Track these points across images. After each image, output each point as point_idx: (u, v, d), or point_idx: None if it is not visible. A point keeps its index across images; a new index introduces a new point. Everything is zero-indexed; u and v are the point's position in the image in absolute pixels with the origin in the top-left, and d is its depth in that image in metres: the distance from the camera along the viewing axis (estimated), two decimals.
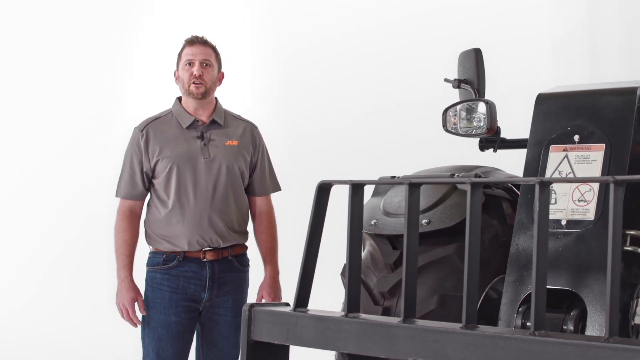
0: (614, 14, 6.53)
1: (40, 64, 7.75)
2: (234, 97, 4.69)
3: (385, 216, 3.64)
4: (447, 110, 3.99)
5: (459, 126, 3.96)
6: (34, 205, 7.71)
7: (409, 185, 2.81)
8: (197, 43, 4.27)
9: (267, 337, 2.99)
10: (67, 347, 7.10)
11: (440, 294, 3.45)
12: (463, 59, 4.13)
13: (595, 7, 6.59)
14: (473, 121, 3.94)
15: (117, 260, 4.24)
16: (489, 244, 3.56)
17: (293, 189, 5.08)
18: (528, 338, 2.50)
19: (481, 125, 3.88)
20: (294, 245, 5.41)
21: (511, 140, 4.06)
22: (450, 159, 4.47)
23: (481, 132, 3.90)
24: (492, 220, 3.62)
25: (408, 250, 2.83)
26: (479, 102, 3.90)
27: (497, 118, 3.90)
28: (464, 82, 4.12)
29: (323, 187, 3.02)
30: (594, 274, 2.96)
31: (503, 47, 6.36)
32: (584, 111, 3.16)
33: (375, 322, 2.80)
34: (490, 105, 3.86)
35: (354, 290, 2.92)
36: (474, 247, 2.70)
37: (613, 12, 6.52)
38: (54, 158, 7.71)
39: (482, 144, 4.10)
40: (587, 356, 2.40)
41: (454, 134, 4.02)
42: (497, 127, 3.94)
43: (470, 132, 3.94)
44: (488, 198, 3.63)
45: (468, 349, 2.59)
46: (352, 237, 2.90)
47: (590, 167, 3.05)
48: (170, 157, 4.18)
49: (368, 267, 3.64)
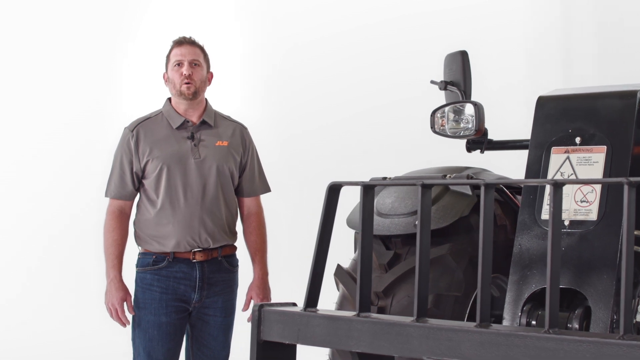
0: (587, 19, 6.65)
1: (31, 63, 7.73)
2: (223, 98, 4.70)
3: (378, 217, 3.66)
4: (435, 112, 4.03)
5: (447, 127, 4.00)
6: (21, 204, 7.68)
7: (422, 186, 2.85)
8: (185, 43, 4.28)
9: (277, 337, 3.01)
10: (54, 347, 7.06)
11: (435, 294, 3.48)
12: (449, 61, 4.17)
13: (568, 11, 6.70)
14: (461, 123, 3.98)
15: (106, 260, 4.24)
16: None
17: (282, 190, 5.10)
18: (544, 336, 2.55)
19: (469, 127, 3.93)
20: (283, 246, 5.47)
21: (498, 142, 4.12)
22: (437, 160, 4.52)
23: (469, 133, 3.94)
24: None
25: (421, 250, 2.86)
26: (468, 104, 3.94)
27: (485, 120, 3.96)
28: (450, 84, 4.16)
29: (333, 188, 3.04)
30: (598, 273, 3.02)
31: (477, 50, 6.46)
32: (584, 114, 3.22)
33: (388, 321, 2.83)
34: (479, 107, 3.91)
35: (365, 291, 2.94)
36: (487, 247, 2.74)
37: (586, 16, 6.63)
38: (44, 156, 7.70)
39: (470, 145, 4.15)
40: (602, 353, 2.45)
41: (442, 136, 4.07)
42: (484, 128, 4.00)
43: (459, 133, 3.98)
44: (479, 199, 3.69)
45: (483, 347, 2.63)
46: (364, 237, 2.93)
47: (592, 169, 3.12)
48: (161, 157, 4.18)
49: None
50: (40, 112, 7.69)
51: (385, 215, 3.70)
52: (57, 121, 7.70)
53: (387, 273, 3.60)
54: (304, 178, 6.66)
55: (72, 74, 7.69)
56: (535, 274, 3.14)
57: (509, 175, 4.10)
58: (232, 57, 7.22)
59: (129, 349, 4.29)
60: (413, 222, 3.55)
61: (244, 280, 4.37)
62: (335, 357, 3.67)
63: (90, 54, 7.69)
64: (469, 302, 3.61)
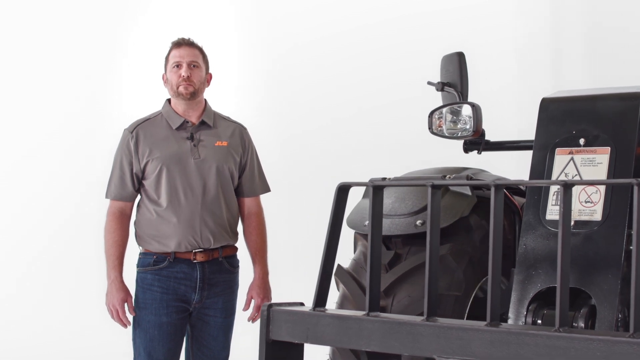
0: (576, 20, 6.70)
1: (30, 63, 7.71)
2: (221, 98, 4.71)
3: None
4: (433, 113, 4.05)
5: (445, 128, 4.03)
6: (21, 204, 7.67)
7: (431, 187, 2.88)
8: (184, 45, 4.30)
9: (287, 337, 3.03)
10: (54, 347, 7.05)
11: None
12: (446, 62, 4.19)
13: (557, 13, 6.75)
14: (459, 123, 4.01)
15: (107, 261, 4.26)
16: (480, 244, 3.64)
17: (281, 190, 5.12)
18: (555, 334, 2.58)
19: (467, 128, 3.94)
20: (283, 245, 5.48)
21: (495, 143, 4.15)
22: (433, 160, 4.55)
23: (467, 134, 3.95)
24: (481, 221, 3.69)
25: (431, 250, 2.89)
26: (465, 105, 3.97)
27: (482, 120, 3.99)
28: (447, 85, 4.18)
29: (342, 188, 3.07)
30: (602, 272, 3.06)
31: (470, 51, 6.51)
32: (588, 116, 3.26)
33: (398, 320, 2.85)
34: (477, 108, 3.92)
35: (374, 290, 2.97)
36: (497, 248, 2.77)
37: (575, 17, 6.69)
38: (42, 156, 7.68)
39: (467, 146, 4.18)
40: (613, 352, 2.49)
41: (440, 136, 4.09)
42: (482, 129, 4.03)
43: (456, 134, 4.00)
44: (479, 200, 3.72)
45: (493, 346, 2.66)
46: (373, 237, 2.96)
47: (596, 170, 3.16)
48: (160, 158, 4.20)
49: (362, 267, 3.69)
50: (40, 112, 7.68)
51: (385, 216, 3.70)
52: (56, 121, 7.69)
53: (387, 273, 3.62)
54: (302, 178, 6.68)
55: (72, 74, 7.68)
56: (541, 273, 3.17)
57: (505, 176, 4.14)
58: (229, 57, 7.23)
59: (129, 349, 4.31)
60: (413, 223, 3.58)
61: (245, 280, 4.40)
62: (336, 356, 3.70)
63: (90, 54, 7.69)
64: (469, 302, 3.64)
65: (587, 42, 6.61)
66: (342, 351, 3.54)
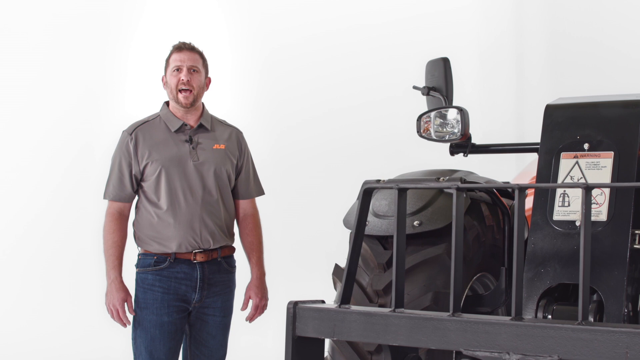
0: (538, 27, 6.92)
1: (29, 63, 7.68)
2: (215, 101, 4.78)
3: (376, 218, 3.78)
4: (422, 117, 4.18)
5: (432, 132, 4.16)
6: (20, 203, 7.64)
7: (456, 189, 3.02)
8: (184, 49, 4.35)
9: (313, 333, 3.14)
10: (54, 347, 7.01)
11: (433, 292, 3.63)
12: (431, 67, 4.30)
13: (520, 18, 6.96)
14: (446, 127, 4.15)
15: (107, 262, 4.29)
16: (472, 243, 3.78)
17: (275, 191, 5.19)
18: (578, 327, 2.73)
19: (454, 132, 4.09)
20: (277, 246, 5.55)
21: (481, 145, 4.30)
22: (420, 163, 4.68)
23: (455, 137, 4.09)
24: (473, 222, 3.83)
25: (456, 250, 3.02)
26: (452, 109, 4.10)
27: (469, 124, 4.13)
28: (432, 89, 4.31)
29: (368, 190, 3.19)
30: (609, 270, 3.24)
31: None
32: (592, 122, 3.44)
33: (424, 316, 2.99)
34: (464, 112, 4.06)
35: (399, 288, 3.10)
36: (520, 247, 2.90)
37: (537, 24, 6.91)
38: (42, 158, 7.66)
39: (453, 149, 4.30)
40: (635, 342, 2.65)
41: (428, 140, 4.23)
42: (469, 133, 4.18)
43: (444, 137, 4.14)
44: (472, 201, 3.86)
45: (519, 339, 2.81)
46: (399, 237, 3.08)
47: (600, 173, 3.34)
48: (160, 160, 4.26)
49: (359, 266, 3.80)
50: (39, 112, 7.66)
51: (382, 216, 3.82)
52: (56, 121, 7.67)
53: (385, 272, 3.74)
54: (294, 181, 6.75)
55: (72, 75, 7.67)
56: (549, 271, 3.34)
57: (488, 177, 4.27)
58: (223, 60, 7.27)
59: (130, 349, 4.34)
60: (410, 223, 3.71)
61: (242, 281, 4.48)
62: (336, 354, 3.80)
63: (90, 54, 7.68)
64: (462, 299, 3.79)
65: (547, 49, 6.83)
66: (343, 348, 3.66)
